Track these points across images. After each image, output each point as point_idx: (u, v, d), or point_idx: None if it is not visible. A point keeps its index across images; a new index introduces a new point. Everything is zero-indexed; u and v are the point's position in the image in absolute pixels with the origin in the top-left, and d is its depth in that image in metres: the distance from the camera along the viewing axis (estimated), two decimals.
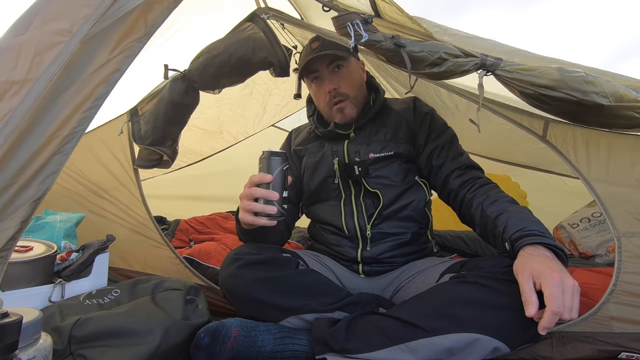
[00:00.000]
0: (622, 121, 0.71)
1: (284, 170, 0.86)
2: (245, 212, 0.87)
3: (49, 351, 0.54)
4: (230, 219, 2.08)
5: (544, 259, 0.74)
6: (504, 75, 0.75)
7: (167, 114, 1.20)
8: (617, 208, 0.87)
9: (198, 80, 1.14)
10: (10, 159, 0.56)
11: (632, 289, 0.84)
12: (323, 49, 1.10)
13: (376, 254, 1.07)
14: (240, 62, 1.08)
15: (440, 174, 1.08)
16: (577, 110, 0.73)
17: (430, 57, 0.77)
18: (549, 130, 0.98)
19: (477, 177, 1.03)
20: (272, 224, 0.88)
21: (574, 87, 0.69)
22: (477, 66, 0.76)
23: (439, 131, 1.13)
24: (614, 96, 0.68)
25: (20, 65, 0.56)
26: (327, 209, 1.14)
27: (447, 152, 1.09)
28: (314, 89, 1.19)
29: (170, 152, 1.26)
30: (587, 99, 0.69)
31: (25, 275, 0.93)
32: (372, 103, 1.17)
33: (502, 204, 0.92)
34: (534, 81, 0.72)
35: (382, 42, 0.79)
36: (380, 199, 1.07)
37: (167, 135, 1.24)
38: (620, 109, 0.69)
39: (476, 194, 0.99)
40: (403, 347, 0.76)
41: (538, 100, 0.74)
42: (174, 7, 0.68)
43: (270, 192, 0.84)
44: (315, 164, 1.16)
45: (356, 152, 1.11)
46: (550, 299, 0.67)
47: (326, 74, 1.13)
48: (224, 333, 0.83)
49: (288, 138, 1.33)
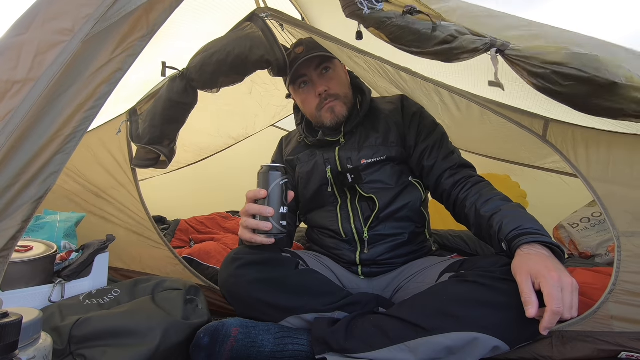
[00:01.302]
0: (632, 105, 0.68)
1: (282, 185, 0.83)
2: (244, 229, 0.86)
3: (49, 351, 0.54)
4: (230, 219, 2.08)
5: (542, 257, 0.75)
6: (513, 55, 0.73)
7: (164, 112, 1.19)
8: (616, 208, 0.87)
9: (196, 78, 1.13)
10: (12, 158, 0.56)
11: (631, 289, 0.84)
12: (309, 52, 1.10)
13: (375, 256, 1.07)
14: (238, 60, 1.07)
15: (432, 175, 1.07)
16: (587, 92, 0.70)
17: (441, 35, 0.76)
18: (549, 130, 0.98)
19: (469, 176, 1.03)
20: (269, 242, 0.84)
21: (585, 64, 0.67)
22: (487, 46, 0.75)
23: (428, 131, 1.12)
24: (625, 77, 0.67)
25: (21, 65, 0.56)
26: (324, 214, 1.14)
27: (437, 152, 1.08)
28: (302, 94, 1.16)
29: (168, 151, 1.25)
30: (600, 75, 0.67)
31: (25, 275, 0.93)
32: (359, 106, 1.16)
33: (495, 202, 0.92)
34: (544, 58, 0.70)
35: (392, 18, 0.77)
36: (376, 203, 1.06)
37: (165, 135, 1.23)
38: (632, 89, 0.67)
39: (469, 193, 0.98)
40: (402, 347, 0.76)
41: (548, 80, 0.71)
42: (176, 6, 0.68)
43: (265, 207, 0.81)
44: (308, 173, 1.15)
45: (348, 159, 1.10)
46: (550, 299, 0.67)
47: (315, 77, 1.12)
48: (224, 333, 0.83)
49: (279, 146, 1.32)
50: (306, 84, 1.14)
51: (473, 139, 1.75)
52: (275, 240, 0.85)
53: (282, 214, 0.83)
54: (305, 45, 1.12)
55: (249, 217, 0.84)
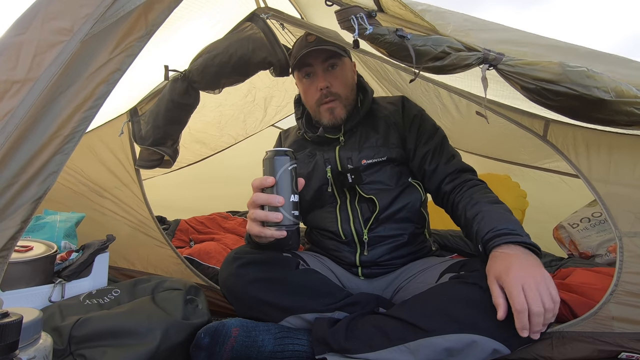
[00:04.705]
0: (622, 117, 0.71)
1: (290, 170, 0.75)
2: (252, 222, 0.77)
3: (49, 351, 0.54)
4: (230, 219, 2.08)
5: (505, 258, 0.76)
6: (505, 70, 0.75)
7: (167, 113, 1.19)
8: (618, 208, 0.86)
9: (198, 80, 1.14)
10: (11, 158, 0.55)
11: (633, 289, 0.84)
12: (319, 44, 1.08)
13: (374, 257, 1.06)
14: (240, 61, 1.08)
15: (433, 180, 1.07)
16: (578, 106, 0.72)
17: (433, 51, 0.76)
18: (549, 130, 0.98)
19: (467, 180, 1.02)
20: (282, 235, 0.75)
21: (575, 82, 0.69)
22: (479, 60, 0.76)
23: (429, 134, 1.11)
24: (615, 91, 0.68)
25: (20, 65, 0.56)
26: (323, 215, 1.12)
27: (439, 157, 1.08)
28: (305, 84, 1.14)
29: (171, 152, 1.26)
30: (589, 94, 0.69)
31: (25, 275, 0.93)
32: (360, 105, 1.15)
33: (480, 204, 0.91)
34: (536, 75, 0.72)
35: (385, 35, 0.78)
36: (376, 204, 1.05)
37: (168, 135, 1.24)
38: (621, 104, 0.69)
39: (462, 197, 0.98)
40: (402, 348, 0.76)
41: (540, 95, 0.74)
42: (175, 6, 0.68)
43: (274, 196, 0.73)
44: (308, 174, 1.12)
45: (348, 159, 1.09)
46: (510, 299, 0.69)
47: (320, 70, 1.10)
48: (224, 333, 0.83)
49: (278, 141, 1.31)
50: (310, 75, 1.12)
51: (473, 140, 1.74)
52: (287, 233, 0.76)
53: (293, 203, 0.74)
54: (318, 36, 1.09)
55: (257, 208, 0.75)
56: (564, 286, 1.07)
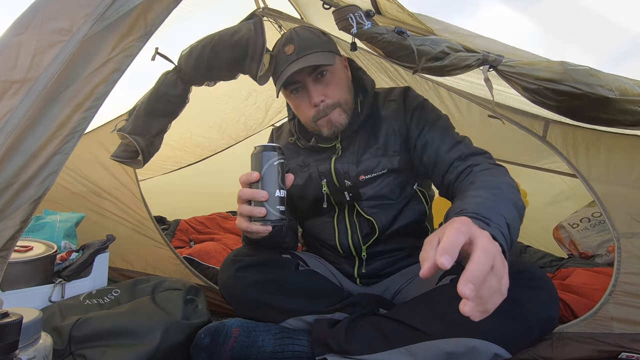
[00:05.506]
0: (627, 117, 0.69)
1: (276, 166, 0.73)
2: (240, 218, 0.75)
3: (49, 351, 0.54)
4: (230, 219, 2.08)
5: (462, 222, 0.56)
6: (506, 71, 0.73)
7: (148, 102, 1.11)
8: (616, 208, 0.87)
9: (184, 68, 1.06)
10: (10, 158, 0.55)
11: (631, 290, 0.84)
12: (300, 54, 0.93)
13: (373, 271, 1.03)
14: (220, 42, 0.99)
15: (437, 172, 0.94)
16: (582, 106, 0.70)
17: (432, 51, 0.74)
18: (549, 130, 0.98)
19: (473, 165, 0.87)
20: (267, 230, 0.74)
21: (578, 80, 0.67)
22: (479, 61, 0.74)
23: (430, 124, 0.98)
24: (619, 90, 0.66)
25: (20, 65, 0.56)
26: (320, 224, 1.07)
27: (440, 144, 0.94)
28: (295, 100, 1.01)
29: (144, 145, 1.14)
30: (593, 92, 0.67)
31: (25, 275, 0.93)
32: (360, 108, 1.02)
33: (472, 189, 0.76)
34: (538, 75, 0.70)
35: (384, 34, 0.76)
36: (375, 227, 0.98)
37: (146, 125, 1.13)
38: (625, 102, 0.67)
39: (462, 184, 0.85)
40: (403, 351, 0.76)
41: (542, 96, 0.71)
42: (174, 6, 0.68)
43: (258, 191, 0.71)
44: (302, 187, 1.04)
45: (345, 174, 0.99)
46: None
47: (309, 83, 0.95)
48: (224, 333, 0.83)
49: (270, 138, 1.24)
50: (299, 90, 0.98)
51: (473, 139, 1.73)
52: (272, 228, 0.75)
53: (279, 198, 0.72)
54: (297, 43, 0.94)
55: (244, 204, 0.74)
56: (564, 287, 1.07)
